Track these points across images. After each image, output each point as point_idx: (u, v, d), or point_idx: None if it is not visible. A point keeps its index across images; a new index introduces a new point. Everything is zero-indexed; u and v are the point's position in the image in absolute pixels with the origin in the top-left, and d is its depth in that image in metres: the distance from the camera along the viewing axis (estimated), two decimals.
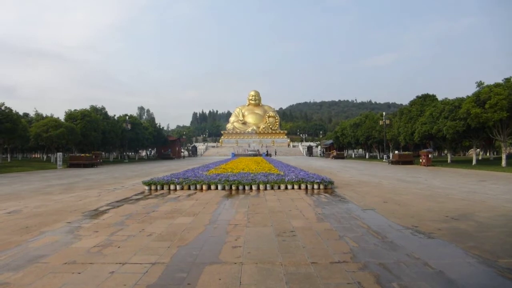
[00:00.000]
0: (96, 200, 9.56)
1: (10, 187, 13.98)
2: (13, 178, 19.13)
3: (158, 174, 18.08)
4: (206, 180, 11.94)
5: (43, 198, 10.17)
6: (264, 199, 9.44)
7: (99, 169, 27.55)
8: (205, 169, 17.57)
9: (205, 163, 30.81)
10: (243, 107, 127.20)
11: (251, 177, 12.52)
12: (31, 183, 15.42)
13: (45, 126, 35.03)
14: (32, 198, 10.22)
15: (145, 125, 56.35)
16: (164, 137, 64.65)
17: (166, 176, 13.29)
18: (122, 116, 52.79)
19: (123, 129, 47.29)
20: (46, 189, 12.70)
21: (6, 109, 30.51)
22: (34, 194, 11.36)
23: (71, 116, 39.90)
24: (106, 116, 46.05)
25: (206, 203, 8.83)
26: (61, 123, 36.13)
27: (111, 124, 44.48)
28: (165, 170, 23.81)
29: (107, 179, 17.27)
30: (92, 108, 45.25)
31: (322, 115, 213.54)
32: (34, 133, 34.86)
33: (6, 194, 11.39)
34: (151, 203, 8.87)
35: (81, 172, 23.38)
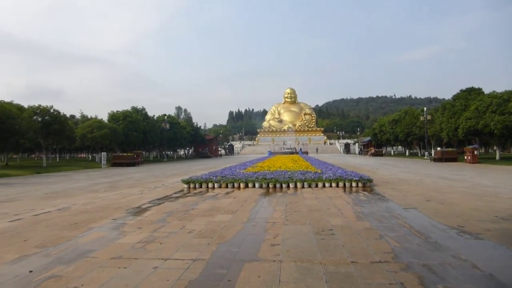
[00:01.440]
0: (139, 198, 9.91)
1: (60, 185, 14.79)
2: (62, 177, 20.22)
3: (196, 173, 18.45)
4: (244, 178, 12.04)
5: (90, 196, 10.68)
6: (302, 197, 9.39)
7: (140, 168, 28.52)
8: (242, 167, 17.72)
9: (242, 161, 31.15)
10: (279, 105, 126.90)
11: (288, 175, 12.48)
12: (78, 182, 16.23)
13: (90, 127, 36.74)
14: (79, 196, 10.76)
15: (182, 125, 57.69)
16: (201, 136, 65.86)
17: (204, 175, 13.53)
18: (161, 116, 54.34)
19: (162, 128, 48.65)
20: (92, 187, 13.33)
21: (54, 111, 32.27)
22: (82, 192, 11.95)
23: (113, 117, 41.60)
24: (146, 117, 47.57)
25: (244, 201, 8.91)
26: (105, 124, 37.74)
27: (151, 124, 45.91)
28: (203, 168, 24.26)
29: (148, 177, 17.84)
30: (133, 109, 46.89)
31: (359, 112, 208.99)
32: (80, 134, 36.67)
33: (56, 192, 12.07)
34: (190, 201, 9.07)
35: (124, 171, 24.30)
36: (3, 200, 10.20)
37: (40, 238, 5.78)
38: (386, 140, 54.98)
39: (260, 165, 19.14)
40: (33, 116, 30.26)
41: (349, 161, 34.07)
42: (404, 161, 33.01)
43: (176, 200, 9.39)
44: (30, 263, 4.67)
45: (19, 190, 12.89)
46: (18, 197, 10.91)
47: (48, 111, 31.81)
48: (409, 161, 32.90)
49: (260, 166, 18.63)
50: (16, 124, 25.52)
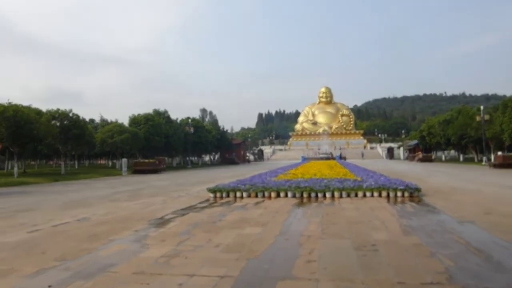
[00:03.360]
0: (161, 208, 10.10)
1: (79, 194, 15.32)
2: (81, 185, 20.95)
3: (223, 180, 18.64)
4: (275, 186, 12.04)
5: (110, 205, 11.00)
6: (340, 208, 9.30)
7: (162, 175, 29.10)
8: (273, 175, 17.74)
9: (272, 168, 31.31)
10: (313, 105, 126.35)
11: (324, 183, 12.38)
12: (98, 190, 16.75)
13: (110, 131, 37.89)
14: (100, 205, 11.11)
15: (208, 128, 58.56)
16: (228, 141, 66.52)
17: (232, 183, 13.64)
18: (184, 119, 55.34)
19: (186, 132, 49.55)
20: (113, 196, 13.72)
21: (73, 115, 33.49)
22: (102, 201, 12.33)
23: (134, 120, 42.76)
24: (169, 120, 48.61)
25: (275, 212, 8.89)
26: (125, 128, 38.87)
27: (174, 128, 46.85)
28: (230, 176, 24.48)
29: (171, 185, 18.18)
30: (155, 112, 48.05)
31: (404, 112, 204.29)
32: (99, 139, 37.91)
33: (75, 201, 12.51)
34: (217, 212, 9.15)
35: (145, 179, 24.87)
36: (20, 210, 10.68)
37: (59, 250, 5.98)
38: (436, 144, 53.44)
39: (293, 172, 19.15)
40: (51, 121, 31.32)
41: (392, 167, 33.35)
42: (457, 167, 31.99)
43: (202, 210, 9.50)
44: (49, 277, 4.83)
45: (37, 199, 13.46)
46: (36, 206, 11.40)
47: (67, 115, 33.02)
48: (464, 167, 31.85)
49: (292, 173, 18.62)
50: (34, 129, 26.45)
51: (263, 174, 18.76)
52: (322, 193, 11.37)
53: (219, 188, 12.36)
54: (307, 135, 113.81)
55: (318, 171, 19.80)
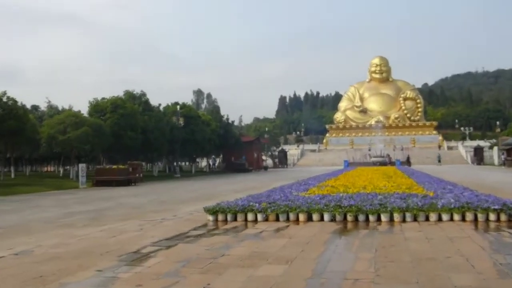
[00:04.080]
0: (137, 237, 10.17)
1: (17, 215, 15.50)
2: (20, 202, 21.17)
3: (228, 196, 18.64)
4: (305, 205, 12.02)
5: (62, 233, 11.10)
6: (402, 237, 9.28)
7: (138, 189, 29.31)
8: (301, 188, 17.72)
9: (301, 177, 31.14)
10: (361, 85, 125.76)
11: (378, 200, 12.33)
12: (45, 210, 16.94)
13: (61, 124, 38.02)
14: (46, 233, 11.22)
15: (205, 119, 59.07)
16: (235, 137, 66.90)
17: (241, 200, 13.65)
18: (171, 106, 55.79)
19: (173, 125, 49.93)
20: (66, 219, 13.86)
21: (9, 100, 33.62)
22: (50, 226, 12.46)
23: (97, 108, 43.13)
24: (148, 107, 49.00)
25: (305, 243, 8.88)
26: (84, 119, 39.19)
27: (155, 119, 47.22)
28: (238, 189, 24.71)
29: (151, 203, 18.36)
30: (128, 95, 48.41)
31: (500, 94, 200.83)
32: (46, 135, 38.04)
33: (12, 226, 12.65)
34: (218, 243, 9.17)
35: (114, 193, 25.08)
36: None
37: None
38: None
39: (332, 184, 19.24)
40: None
41: (481, 176, 32.98)
42: None
43: (197, 240, 9.52)
44: None
45: None
46: None
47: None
48: None
49: (331, 185, 18.67)
50: None
51: (287, 187, 18.72)
52: (376, 215, 11.35)
53: (222, 208, 12.37)
54: (352, 129, 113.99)
55: (369, 182, 19.73)
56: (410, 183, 19.47)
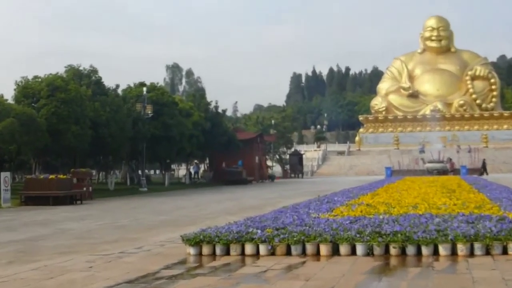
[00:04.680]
0: (85, 279, 10.05)
1: None
2: None
3: (217, 220, 18.74)
4: (328, 232, 11.91)
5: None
6: (470, 278, 9.12)
7: (87, 208, 29.30)
8: (323, 207, 17.66)
9: (322, 191, 31.42)
10: (410, 58, 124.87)
11: (434, 225, 12.26)
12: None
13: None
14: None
15: (183, 107, 59.78)
16: (228, 133, 67.09)
17: (236, 224, 13.59)
18: (134, 88, 55.85)
19: (137, 117, 49.94)
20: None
21: None
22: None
23: (27, 91, 42.89)
24: (101, 89, 48.91)
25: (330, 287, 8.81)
26: (7, 107, 39.06)
27: (112, 107, 47.11)
28: (232, 209, 24.93)
29: (105, 230, 18.38)
30: (72, 72, 48.22)
31: None
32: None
33: None
34: (203, 287, 9.08)
35: (51, 215, 25.05)
36: None
37: None
38: None
39: (368, 202, 19.21)
40: None
41: None
42: None
43: (171, 284, 9.45)
44: None
45: None
46: None
47: None
48: None
49: (366, 203, 18.65)
50: None
51: (303, 206, 18.65)
52: (431, 247, 11.23)
53: (208, 236, 12.23)
54: (397, 122, 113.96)
55: (422, 199, 19.69)
56: (481, 200, 19.27)
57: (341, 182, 53.15)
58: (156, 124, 51.70)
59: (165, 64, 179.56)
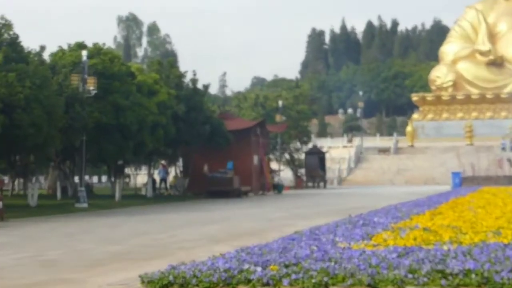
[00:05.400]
0: None
1: None
2: None
3: (195, 251, 18.91)
4: (364, 269, 11.92)
5: None
6: None
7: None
8: (357, 232, 17.71)
9: (355, 207, 31.55)
10: (490, 4, 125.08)
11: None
12: None
13: None
14: None
15: (143, 80, 59.63)
16: (211, 121, 66.95)
17: (221, 259, 13.59)
18: (68, 52, 55.75)
19: (72, 95, 49.89)
20: None
21: None
22: None
23: None
24: (17, 53, 48.91)
25: None
26: None
27: (35, 79, 47.09)
28: (217, 235, 25.08)
29: (23, 267, 18.32)
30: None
31: None
32: None
33: None
34: None
35: None
36: None
37: None
38: None
39: (425, 225, 19.32)
40: None
41: None
42: None
43: None
44: None
45: None
46: None
47: None
48: None
49: (423, 227, 18.71)
50: None
51: (325, 230, 18.72)
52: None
53: (181, 277, 12.23)
54: (470, 103, 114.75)
55: (507, 220, 19.73)
56: None
57: (384, 194, 53.24)
58: (102, 107, 51.79)
59: (116, 16, 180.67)
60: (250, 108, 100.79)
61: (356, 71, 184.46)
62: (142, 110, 54.44)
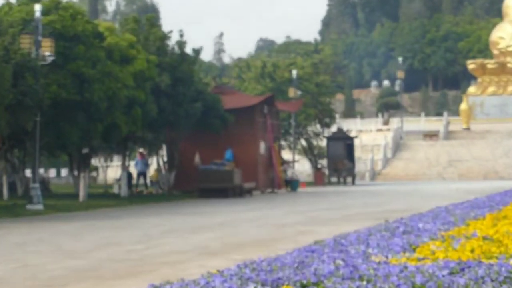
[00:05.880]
0: None
1: None
2: None
3: (184, 266, 18.92)
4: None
5: None
6: None
7: None
8: (396, 241, 17.71)
9: (393, 209, 32.19)
10: None
11: None
12: None
13: None
14: None
15: (114, 43, 59.12)
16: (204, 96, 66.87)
17: (218, 276, 13.56)
18: (16, 7, 55.86)
19: (22, 62, 49.89)
20: None
21: None
22: None
23: None
24: None
25: None
26: None
27: None
28: (213, 245, 25.15)
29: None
30: None
31: None
32: None
33: None
34: None
35: None
36: None
37: None
38: None
39: (485, 231, 19.08)
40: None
41: None
42: None
43: None
44: None
45: None
46: None
47: None
48: None
49: (482, 234, 18.54)
50: None
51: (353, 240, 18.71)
52: None
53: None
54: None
55: None
56: None
57: (431, 192, 53.41)
58: (61, 78, 51.78)
59: None
60: (255, 79, 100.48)
61: (394, 31, 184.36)
62: (113, 83, 54.33)
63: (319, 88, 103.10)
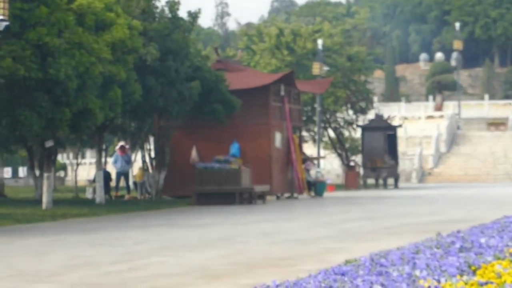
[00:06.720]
0: None
1: None
2: None
3: None
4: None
5: None
6: None
7: None
8: (451, 260, 17.82)
9: (447, 220, 31.59)
10: None
11: None
12: None
13: None
14: None
15: (88, 4, 58.84)
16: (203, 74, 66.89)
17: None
18: None
19: None
20: None
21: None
22: None
23: None
24: None
25: None
26: None
27: None
28: (216, 265, 25.30)
29: None
30: None
31: None
32: None
33: None
34: None
35: None
36: None
37: None
38: None
39: None
40: None
41: None
42: None
43: None
44: None
45: None
46: None
47: None
48: None
49: None
50: None
51: (396, 259, 18.81)
52: None
53: None
54: None
55: None
56: None
57: (497, 198, 53.77)
58: (18, 50, 51.96)
59: None
60: (269, 52, 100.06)
61: None
62: (85, 56, 54.47)
63: (352, 62, 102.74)
